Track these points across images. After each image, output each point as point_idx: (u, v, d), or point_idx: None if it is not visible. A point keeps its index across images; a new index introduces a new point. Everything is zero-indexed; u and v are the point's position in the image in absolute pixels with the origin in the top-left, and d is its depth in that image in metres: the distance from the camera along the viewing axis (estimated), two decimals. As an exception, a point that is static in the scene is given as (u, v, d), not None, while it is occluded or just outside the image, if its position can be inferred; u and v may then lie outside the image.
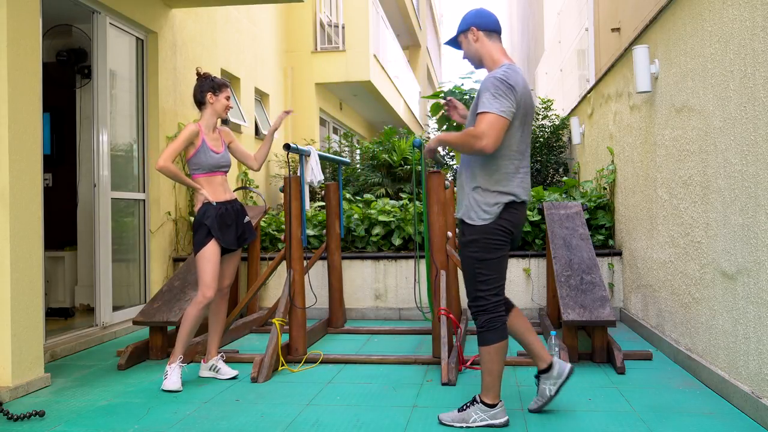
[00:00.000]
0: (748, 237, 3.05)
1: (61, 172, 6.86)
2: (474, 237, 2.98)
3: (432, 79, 27.77)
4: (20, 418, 3.20)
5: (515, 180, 2.97)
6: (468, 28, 3.06)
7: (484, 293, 2.99)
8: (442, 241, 4.26)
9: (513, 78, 2.88)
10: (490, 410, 3.01)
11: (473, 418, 3.00)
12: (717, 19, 3.41)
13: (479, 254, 2.97)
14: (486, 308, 2.98)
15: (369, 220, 6.24)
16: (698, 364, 3.72)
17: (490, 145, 2.82)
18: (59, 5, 5.22)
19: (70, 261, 6.25)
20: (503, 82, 2.85)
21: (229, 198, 3.98)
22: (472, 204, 2.99)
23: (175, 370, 3.75)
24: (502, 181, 2.95)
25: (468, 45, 3.08)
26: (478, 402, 3.03)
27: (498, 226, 2.96)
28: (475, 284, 3.01)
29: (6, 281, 3.62)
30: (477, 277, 2.99)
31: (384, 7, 15.87)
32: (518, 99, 2.88)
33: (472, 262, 3.00)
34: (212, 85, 3.92)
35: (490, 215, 2.95)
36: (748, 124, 3.03)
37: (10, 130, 3.65)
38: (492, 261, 2.98)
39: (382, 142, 9.14)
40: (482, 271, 2.98)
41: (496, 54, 3.03)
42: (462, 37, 3.11)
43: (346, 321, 5.95)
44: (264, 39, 9.65)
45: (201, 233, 3.83)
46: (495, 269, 2.99)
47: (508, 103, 2.83)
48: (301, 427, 3.08)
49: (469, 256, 3.01)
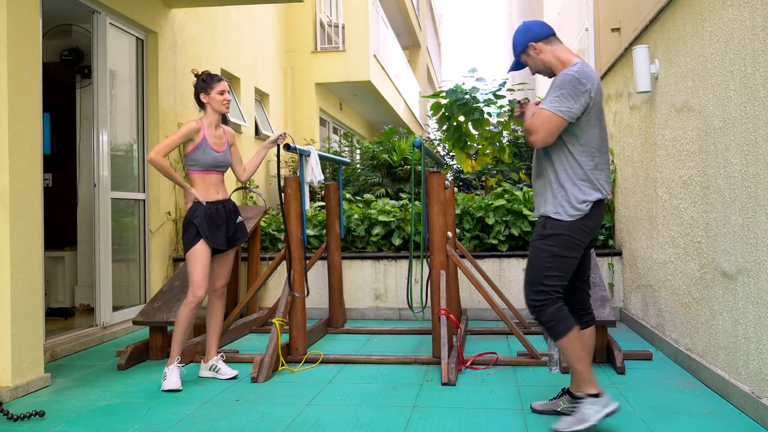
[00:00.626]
0: (748, 237, 3.05)
1: (61, 172, 6.86)
2: (557, 231, 2.91)
3: (432, 79, 27.77)
4: (20, 418, 3.20)
5: (597, 177, 2.94)
6: (526, 47, 3.05)
7: (549, 288, 2.91)
8: (442, 241, 4.26)
9: (586, 75, 2.87)
10: (599, 399, 2.89)
11: (590, 413, 2.86)
12: (717, 19, 3.41)
13: (557, 249, 2.91)
14: (548, 302, 2.91)
15: (369, 220, 6.24)
16: (698, 364, 3.72)
17: (539, 140, 2.86)
18: (59, 5, 5.22)
19: (70, 261, 6.25)
20: (576, 80, 2.84)
21: (222, 197, 3.95)
22: (559, 199, 2.93)
23: (173, 371, 3.75)
24: (590, 177, 2.92)
25: (534, 61, 3.07)
26: (585, 396, 2.91)
27: (584, 225, 2.92)
28: (542, 278, 2.92)
29: (6, 281, 3.62)
30: (546, 271, 2.92)
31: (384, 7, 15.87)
32: (592, 95, 2.87)
33: (546, 255, 2.92)
34: (203, 86, 3.90)
35: (579, 212, 2.90)
36: (748, 124, 3.03)
37: (10, 130, 3.65)
38: (567, 259, 2.93)
39: (382, 142, 9.14)
40: (554, 266, 2.92)
41: (562, 55, 3.01)
42: (525, 57, 3.09)
43: (346, 321, 5.95)
44: (264, 39, 9.65)
45: (190, 233, 3.81)
46: (567, 269, 2.94)
47: (569, 104, 2.83)
48: (301, 427, 3.08)
49: (545, 249, 2.93)
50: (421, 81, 22.19)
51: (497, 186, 7.16)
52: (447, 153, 10.23)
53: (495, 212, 5.99)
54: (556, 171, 2.96)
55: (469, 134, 7.07)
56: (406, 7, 17.83)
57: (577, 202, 2.91)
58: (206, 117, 3.93)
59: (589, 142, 2.93)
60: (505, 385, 3.72)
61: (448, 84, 7.27)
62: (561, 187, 2.95)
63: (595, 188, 2.93)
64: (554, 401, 3.19)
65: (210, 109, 3.92)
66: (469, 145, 7.14)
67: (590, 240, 3.02)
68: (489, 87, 7.06)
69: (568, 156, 2.93)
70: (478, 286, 4.47)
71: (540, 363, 4.13)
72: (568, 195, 2.92)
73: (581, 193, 2.91)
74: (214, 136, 3.90)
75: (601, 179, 2.96)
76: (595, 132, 2.94)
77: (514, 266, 5.88)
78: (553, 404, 3.19)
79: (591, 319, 3.13)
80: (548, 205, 2.98)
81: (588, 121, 2.91)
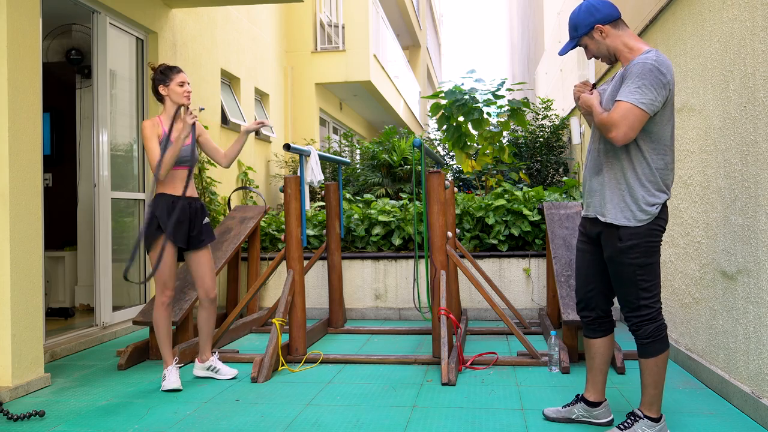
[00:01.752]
0: (748, 237, 3.05)
1: (61, 172, 6.87)
2: (633, 242, 2.70)
3: (432, 79, 27.78)
4: (20, 418, 3.20)
5: (663, 176, 2.73)
6: (592, 28, 2.78)
7: (648, 301, 2.72)
8: (442, 241, 4.26)
9: (666, 65, 2.63)
10: (657, 425, 2.76)
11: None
12: (717, 19, 3.41)
13: (640, 259, 2.71)
14: (651, 317, 2.73)
15: (369, 220, 6.24)
16: (698, 364, 3.72)
17: (620, 136, 2.62)
18: (59, 5, 5.22)
19: (70, 261, 6.25)
20: (657, 70, 2.60)
21: (190, 194, 3.83)
22: (628, 203, 2.72)
23: (172, 372, 3.75)
24: (657, 177, 2.71)
25: (597, 45, 2.81)
26: (642, 417, 2.76)
27: (657, 226, 2.72)
28: (637, 293, 2.73)
29: (6, 281, 3.62)
30: (639, 284, 2.72)
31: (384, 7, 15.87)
32: (671, 88, 2.65)
33: (634, 269, 2.72)
34: (161, 77, 3.75)
35: (649, 216, 2.69)
36: (748, 124, 3.03)
37: (10, 130, 3.65)
38: (652, 265, 2.73)
39: (382, 142, 9.14)
40: (645, 278, 2.72)
41: (631, 41, 2.76)
42: (587, 39, 2.83)
43: (346, 321, 5.95)
44: (264, 39, 9.65)
45: (151, 225, 3.69)
46: (655, 273, 2.74)
47: (652, 96, 2.60)
48: (301, 427, 3.08)
49: (630, 264, 2.72)
50: (421, 81, 22.19)
51: (497, 186, 7.16)
52: (447, 153, 10.24)
53: (495, 212, 5.99)
54: (622, 169, 2.74)
55: (468, 134, 7.07)
56: (406, 7, 17.83)
57: (647, 205, 2.70)
58: (165, 111, 3.78)
59: (661, 139, 2.70)
60: (505, 385, 3.72)
61: (448, 84, 7.28)
62: (628, 188, 2.73)
63: (662, 189, 2.72)
64: (568, 408, 3.08)
65: (169, 101, 3.76)
66: (468, 145, 7.15)
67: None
68: (488, 87, 7.07)
69: (637, 154, 2.71)
70: (478, 286, 4.47)
71: (540, 363, 4.13)
72: (636, 197, 2.71)
73: (650, 196, 2.70)
74: (176, 130, 3.72)
75: (669, 180, 2.76)
76: (668, 128, 2.72)
77: (514, 266, 5.88)
78: (567, 412, 3.08)
79: (611, 327, 3.01)
80: (612, 210, 2.76)
81: (663, 115, 2.68)
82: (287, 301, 4.39)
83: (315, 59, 11.00)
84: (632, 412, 2.82)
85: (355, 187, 8.63)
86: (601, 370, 3.01)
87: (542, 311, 5.55)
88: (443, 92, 7.01)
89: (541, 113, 9.65)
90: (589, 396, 3.05)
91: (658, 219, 2.72)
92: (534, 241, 5.95)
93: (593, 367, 3.03)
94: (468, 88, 7.02)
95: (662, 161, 2.72)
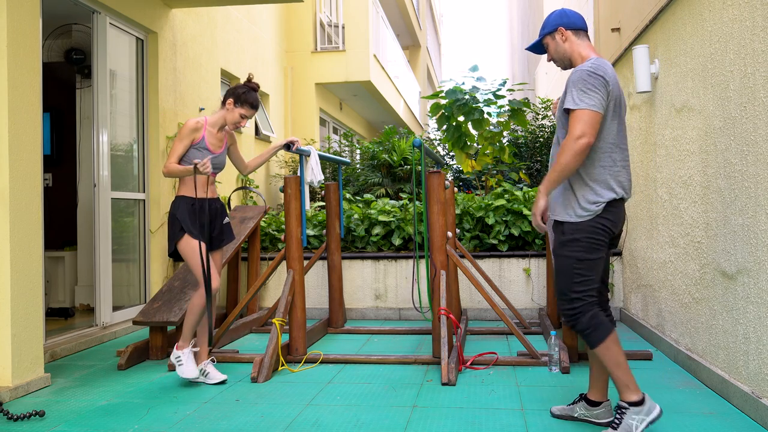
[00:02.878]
0: (748, 237, 3.05)
1: (61, 172, 6.87)
2: (575, 236, 2.83)
3: (432, 79, 27.78)
4: (20, 418, 3.20)
5: (613, 175, 2.84)
6: (555, 29, 2.98)
7: (580, 294, 2.82)
8: (442, 241, 4.26)
9: (602, 68, 2.79)
10: (642, 407, 2.76)
11: (634, 424, 2.74)
12: (717, 19, 3.41)
13: (580, 254, 2.82)
14: (583, 309, 2.82)
15: (369, 220, 6.24)
16: (698, 364, 3.72)
17: (592, 139, 2.74)
18: (59, 5, 5.22)
19: (70, 261, 6.25)
20: (591, 74, 2.76)
21: (210, 196, 3.91)
22: (569, 200, 2.86)
23: (189, 357, 3.74)
24: (601, 176, 2.83)
25: (557, 46, 3.00)
26: (627, 406, 2.78)
27: (599, 225, 2.82)
28: (571, 285, 2.83)
29: (6, 281, 3.62)
30: (575, 278, 2.82)
31: (384, 7, 15.87)
32: (610, 89, 2.79)
33: (572, 262, 2.83)
34: (237, 96, 3.86)
35: (590, 213, 2.81)
36: (748, 124, 3.03)
37: (10, 130, 3.65)
38: (592, 261, 2.83)
39: (382, 142, 9.14)
40: (581, 272, 2.82)
41: (585, 51, 2.94)
42: (549, 39, 3.02)
43: (346, 321, 5.95)
44: (264, 39, 9.65)
45: (175, 227, 3.77)
46: (593, 270, 2.84)
47: (599, 96, 2.75)
48: (301, 427, 3.08)
49: (568, 256, 2.84)
50: (421, 81, 22.19)
51: (497, 186, 7.16)
52: (447, 153, 10.23)
53: (495, 212, 5.99)
54: None
55: (468, 134, 7.07)
56: (406, 7, 17.83)
57: (587, 203, 2.82)
58: (213, 117, 3.90)
59: (606, 137, 2.82)
60: (505, 385, 3.72)
61: (448, 84, 7.27)
62: (571, 186, 2.86)
63: (609, 188, 2.82)
64: (571, 407, 3.12)
65: (223, 114, 3.89)
66: (468, 145, 7.15)
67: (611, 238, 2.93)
68: (489, 87, 7.06)
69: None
70: (478, 286, 4.47)
71: (540, 363, 4.13)
72: (577, 195, 2.84)
73: (593, 194, 2.82)
74: (213, 137, 3.87)
75: (622, 178, 2.86)
76: (613, 126, 2.84)
77: (514, 266, 5.88)
78: (570, 410, 3.11)
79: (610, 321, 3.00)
80: (558, 207, 2.90)
81: (605, 116, 2.81)
82: (287, 301, 4.39)
83: (315, 59, 11.00)
84: (617, 405, 2.82)
85: (355, 187, 8.63)
86: (600, 369, 3.01)
87: (542, 311, 5.55)
88: (443, 92, 7.01)
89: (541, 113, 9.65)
90: (591, 395, 3.06)
91: (602, 218, 2.82)
92: (534, 241, 5.95)
93: (592, 365, 3.05)
94: (469, 87, 7.01)
95: (609, 159, 2.83)
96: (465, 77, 7.26)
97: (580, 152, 2.73)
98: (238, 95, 3.86)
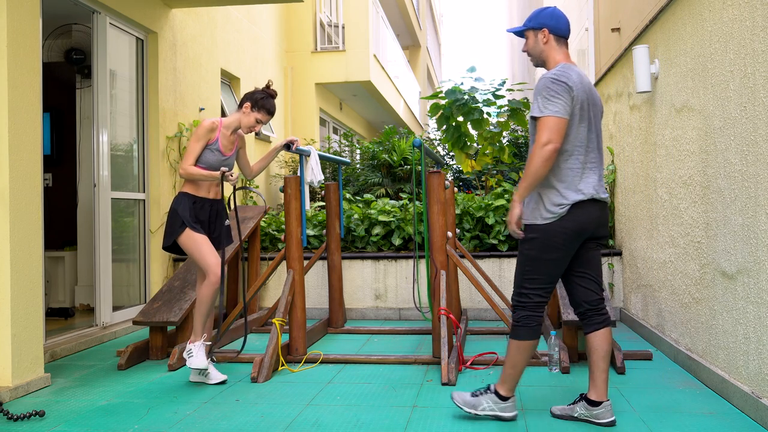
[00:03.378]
0: (748, 237, 3.05)
1: (61, 172, 6.87)
2: (534, 235, 2.94)
3: (432, 79, 27.78)
4: (20, 418, 3.20)
5: (581, 177, 2.92)
6: (540, 28, 3.03)
7: (528, 291, 2.97)
8: (442, 241, 4.26)
9: (565, 75, 2.88)
10: (502, 402, 3.04)
11: (483, 405, 3.05)
12: (717, 19, 3.41)
13: (534, 252, 2.94)
14: (526, 305, 2.97)
15: (369, 220, 6.24)
16: (698, 364, 3.72)
17: (558, 144, 2.83)
18: (59, 5, 5.22)
19: (70, 261, 6.25)
20: (554, 81, 2.86)
21: (213, 197, 3.93)
22: (538, 204, 2.95)
23: (200, 349, 3.74)
24: (568, 178, 2.91)
25: (535, 43, 3.06)
26: (492, 392, 3.05)
27: (560, 228, 2.90)
28: (522, 281, 2.99)
29: (6, 281, 3.62)
30: (525, 274, 2.98)
31: (384, 7, 15.87)
32: (574, 95, 2.86)
33: (525, 259, 2.98)
34: (255, 101, 3.88)
35: (554, 215, 2.90)
36: (748, 124, 3.03)
37: (10, 130, 3.65)
38: (545, 262, 2.94)
39: (382, 142, 9.13)
40: (531, 270, 2.96)
41: (559, 57, 3.03)
42: (531, 33, 3.07)
43: (346, 321, 5.95)
44: (264, 39, 9.65)
45: (175, 222, 3.77)
46: (546, 271, 2.95)
47: (562, 102, 2.84)
48: (301, 427, 3.08)
49: (523, 253, 3.00)
50: (421, 81, 22.19)
51: (497, 186, 7.16)
52: (447, 153, 10.23)
53: (495, 212, 5.99)
54: None
55: (468, 134, 7.07)
56: (406, 7, 17.83)
57: (552, 205, 2.91)
58: (229, 118, 3.92)
59: (573, 142, 2.91)
60: (505, 385, 3.71)
61: (448, 84, 7.27)
62: (539, 190, 2.95)
63: (576, 190, 2.90)
64: (571, 407, 3.12)
65: (239, 117, 3.91)
66: (468, 146, 7.14)
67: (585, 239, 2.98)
68: (488, 87, 7.06)
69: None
70: (478, 286, 4.47)
71: (540, 363, 4.13)
72: (542, 199, 2.93)
73: (558, 197, 2.91)
74: (226, 139, 3.90)
75: (588, 180, 2.94)
76: (581, 130, 2.92)
77: (514, 266, 5.87)
78: (570, 409, 3.12)
79: (604, 320, 3.03)
80: (527, 211, 3.00)
81: (572, 120, 2.89)
82: (287, 301, 4.39)
83: (315, 59, 11.00)
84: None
85: (355, 187, 8.63)
86: (598, 367, 3.00)
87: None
88: (443, 92, 7.01)
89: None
90: (591, 395, 3.05)
91: (564, 220, 2.90)
92: (534, 241, 5.94)
93: (590, 363, 3.05)
94: (468, 87, 7.01)
95: (577, 161, 2.92)
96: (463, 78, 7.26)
97: (548, 158, 2.84)
98: (255, 100, 3.88)
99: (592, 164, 2.96)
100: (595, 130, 3.01)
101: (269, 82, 4.05)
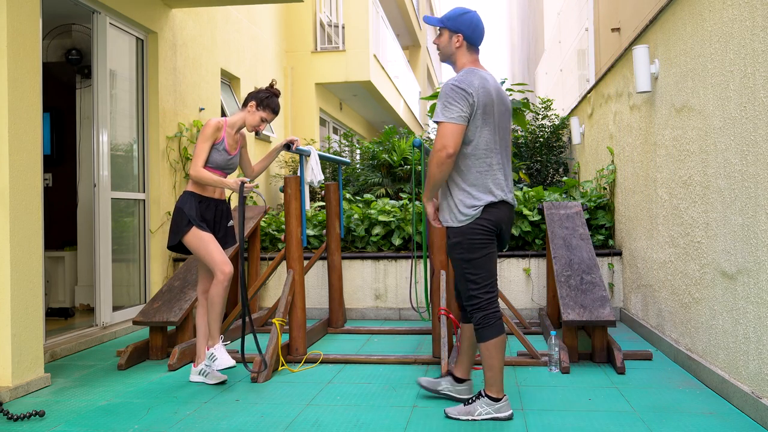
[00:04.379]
0: (748, 237, 3.05)
1: (61, 172, 6.87)
2: (457, 239, 3.06)
3: (432, 79, 27.78)
4: (20, 418, 3.20)
5: (489, 179, 3.04)
6: (456, 32, 3.12)
7: (476, 292, 3.07)
8: (442, 241, 4.26)
9: (466, 81, 2.98)
10: (495, 404, 3.10)
11: (478, 411, 3.10)
12: (717, 19, 3.41)
13: (464, 255, 3.05)
14: (480, 306, 3.07)
15: (369, 220, 6.24)
16: (698, 364, 3.72)
17: (453, 150, 2.95)
18: (59, 5, 5.22)
19: (70, 261, 6.26)
20: (453, 88, 2.97)
21: (218, 197, 3.95)
22: (451, 206, 3.08)
23: (221, 350, 3.75)
24: (479, 180, 3.03)
25: (448, 44, 3.16)
26: (483, 396, 3.12)
27: (478, 225, 3.03)
28: (466, 284, 3.09)
29: (6, 281, 3.62)
30: (467, 277, 3.08)
31: (384, 7, 15.88)
32: (474, 100, 2.96)
33: (459, 263, 3.09)
34: (260, 100, 3.89)
35: (468, 217, 3.03)
36: (748, 124, 3.04)
37: (10, 130, 3.65)
38: (477, 260, 3.05)
39: (382, 142, 9.13)
40: (471, 271, 3.07)
41: (466, 62, 3.14)
42: (446, 32, 3.16)
43: (346, 321, 5.95)
44: (264, 39, 9.65)
45: (182, 221, 3.78)
46: (482, 268, 3.07)
47: (457, 108, 2.95)
48: (301, 427, 3.08)
49: (455, 258, 3.10)
50: (421, 81, 22.19)
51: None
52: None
53: (495, 212, 5.98)
54: (451, 177, 3.08)
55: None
56: (406, 7, 17.83)
57: (465, 207, 3.03)
58: (233, 117, 3.93)
59: (477, 145, 3.02)
60: (505, 385, 3.71)
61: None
62: (450, 193, 3.08)
63: (488, 191, 3.03)
64: (437, 380, 3.43)
65: (244, 116, 3.92)
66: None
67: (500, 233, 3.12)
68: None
69: (458, 161, 3.04)
70: (478, 286, 4.46)
71: (540, 363, 4.13)
72: (455, 201, 3.05)
73: (469, 198, 3.03)
74: (231, 138, 3.91)
75: (499, 180, 3.06)
76: (484, 134, 3.02)
77: (514, 266, 5.88)
78: (436, 383, 3.42)
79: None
80: (442, 214, 3.15)
81: (473, 122, 2.99)
82: (287, 301, 4.39)
83: (315, 59, 11.00)
84: (479, 391, 3.16)
85: (355, 187, 8.63)
86: (466, 353, 3.38)
87: (542, 311, 5.55)
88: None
89: (541, 113, 9.65)
90: (457, 372, 3.40)
91: (481, 219, 3.03)
92: (534, 241, 5.95)
93: (462, 348, 3.39)
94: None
95: (485, 164, 3.04)
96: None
97: (442, 163, 2.95)
98: (260, 99, 3.90)
99: (499, 165, 3.08)
100: (500, 132, 3.11)
101: (273, 81, 4.05)
